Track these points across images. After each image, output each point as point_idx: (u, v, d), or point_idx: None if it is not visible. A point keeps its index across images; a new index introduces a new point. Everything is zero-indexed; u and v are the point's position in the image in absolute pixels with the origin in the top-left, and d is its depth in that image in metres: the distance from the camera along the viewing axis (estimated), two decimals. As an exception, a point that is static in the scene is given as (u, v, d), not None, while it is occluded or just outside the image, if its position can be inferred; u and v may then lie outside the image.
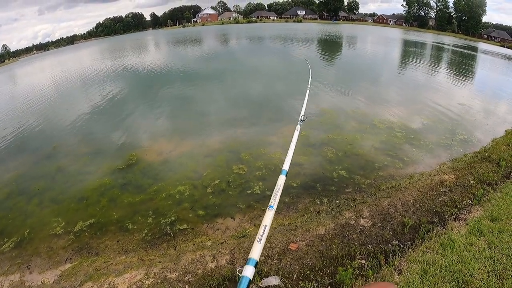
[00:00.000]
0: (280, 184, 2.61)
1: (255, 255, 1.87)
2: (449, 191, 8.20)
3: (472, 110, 16.21)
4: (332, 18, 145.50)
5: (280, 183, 2.61)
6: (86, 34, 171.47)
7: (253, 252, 1.88)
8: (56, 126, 16.71)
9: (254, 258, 1.85)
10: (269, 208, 2.22)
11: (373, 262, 5.68)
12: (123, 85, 25.73)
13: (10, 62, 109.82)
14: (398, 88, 21.33)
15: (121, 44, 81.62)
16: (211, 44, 60.73)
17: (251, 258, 1.85)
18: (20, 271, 6.73)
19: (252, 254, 1.84)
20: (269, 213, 2.18)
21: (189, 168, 10.46)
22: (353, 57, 37.28)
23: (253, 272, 1.76)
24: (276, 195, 2.41)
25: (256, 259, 1.83)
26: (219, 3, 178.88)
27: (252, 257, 1.85)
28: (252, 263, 1.82)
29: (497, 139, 12.01)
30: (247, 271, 1.76)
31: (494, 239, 5.72)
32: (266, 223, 2.06)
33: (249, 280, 1.67)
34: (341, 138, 12.16)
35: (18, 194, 10.02)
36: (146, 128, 14.73)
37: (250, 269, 1.78)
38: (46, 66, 57.75)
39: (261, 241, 1.93)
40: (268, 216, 2.13)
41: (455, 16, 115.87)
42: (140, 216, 8.13)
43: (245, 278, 1.70)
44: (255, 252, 1.88)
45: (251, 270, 1.78)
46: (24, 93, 29.27)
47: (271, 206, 2.28)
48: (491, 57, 48.38)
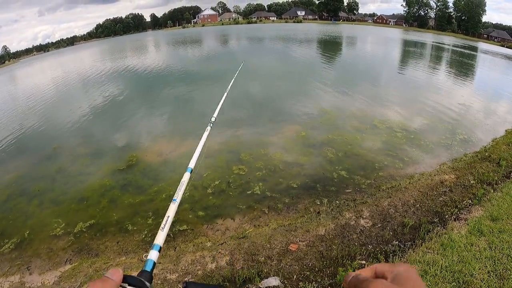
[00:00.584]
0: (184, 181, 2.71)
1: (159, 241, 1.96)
2: (450, 191, 8.19)
3: (472, 109, 16.21)
4: (332, 19, 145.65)
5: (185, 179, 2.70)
6: (86, 35, 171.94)
7: (157, 239, 1.97)
8: (56, 127, 16.71)
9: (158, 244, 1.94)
10: (172, 201, 2.33)
11: (373, 263, 5.66)
12: (123, 86, 25.76)
13: (10, 63, 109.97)
14: (398, 88, 21.33)
15: (121, 45, 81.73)
16: (210, 45, 60.74)
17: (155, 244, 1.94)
18: (20, 272, 6.73)
19: (157, 240, 1.93)
20: (172, 206, 2.29)
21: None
22: (353, 57, 37.29)
23: (157, 256, 1.84)
24: (179, 190, 2.51)
25: (160, 245, 1.91)
26: (219, 4, 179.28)
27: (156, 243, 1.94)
28: (156, 248, 1.91)
29: (497, 139, 12.00)
30: (151, 255, 1.85)
31: (495, 239, 5.71)
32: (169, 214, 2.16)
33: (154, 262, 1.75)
34: (341, 138, 12.15)
35: (18, 195, 10.02)
36: (146, 128, 14.73)
37: (154, 253, 1.87)
38: (47, 67, 57.79)
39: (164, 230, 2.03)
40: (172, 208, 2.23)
41: (455, 16, 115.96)
42: (140, 217, 8.13)
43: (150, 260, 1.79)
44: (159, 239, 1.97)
45: (155, 254, 1.86)
46: (25, 94, 29.29)
47: (175, 200, 2.40)
48: (491, 57, 48.39)
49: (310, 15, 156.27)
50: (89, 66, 43.47)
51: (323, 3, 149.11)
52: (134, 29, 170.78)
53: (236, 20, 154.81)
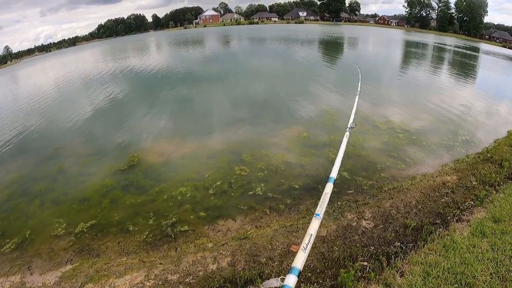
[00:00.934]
0: (327, 192, 2.51)
1: (299, 264, 1.80)
2: (452, 192, 8.17)
3: (474, 111, 16.17)
4: (333, 19, 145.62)
5: (328, 191, 2.51)
6: (88, 36, 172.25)
7: (297, 261, 1.81)
8: (57, 127, 16.73)
9: (298, 267, 1.79)
10: (315, 217, 2.15)
11: (375, 264, 5.66)
12: (125, 86, 25.78)
13: (12, 64, 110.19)
14: (400, 89, 21.30)
15: (123, 46, 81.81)
16: (212, 46, 60.76)
17: (295, 267, 1.79)
18: (21, 272, 6.73)
19: (296, 263, 1.78)
20: (315, 222, 2.12)
21: (191, 169, 10.45)
22: (354, 58, 37.20)
23: (295, 282, 1.70)
24: (323, 203, 2.30)
25: (300, 269, 1.76)
26: (221, 4, 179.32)
27: (295, 266, 1.78)
28: (295, 272, 1.77)
29: (499, 140, 11.97)
30: (289, 280, 1.71)
31: (497, 240, 5.70)
32: (312, 232, 1.99)
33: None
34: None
35: (19, 195, 10.02)
36: (148, 129, 14.72)
37: (292, 278, 1.73)
38: (48, 68, 57.96)
39: (306, 251, 1.86)
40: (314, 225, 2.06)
41: (457, 17, 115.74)
42: (141, 218, 8.13)
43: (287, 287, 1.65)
44: (299, 261, 1.82)
45: (293, 279, 1.72)
46: (26, 94, 29.33)
47: (318, 215, 2.21)
48: (492, 57, 48.29)
49: (311, 16, 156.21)
50: (91, 66, 43.53)
51: (324, 3, 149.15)
52: (136, 29, 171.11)
53: (238, 21, 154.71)
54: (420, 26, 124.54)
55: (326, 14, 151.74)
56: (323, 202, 2.23)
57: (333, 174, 2.65)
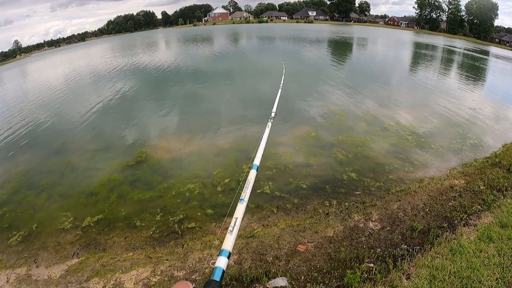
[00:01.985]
0: (251, 178, 2.65)
1: (228, 246, 1.89)
2: (459, 196, 8.13)
3: (482, 114, 16.05)
4: (343, 20, 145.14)
5: (251, 177, 2.63)
6: (97, 32, 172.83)
7: (226, 243, 1.90)
8: (66, 121, 16.85)
9: (227, 249, 1.87)
10: (240, 201, 2.26)
11: (382, 266, 5.65)
12: (134, 82, 25.91)
13: (22, 58, 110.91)
14: (408, 91, 21.17)
15: (132, 42, 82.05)
16: (221, 43, 60.80)
17: (224, 249, 1.87)
18: (27, 264, 6.78)
19: (225, 245, 1.86)
20: (240, 206, 2.22)
21: (199, 167, 10.48)
22: (364, 59, 37.07)
23: (226, 263, 1.77)
24: (247, 188, 2.48)
25: (229, 250, 1.84)
26: (230, 2, 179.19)
27: (224, 248, 1.87)
28: (225, 254, 1.85)
29: (508, 145, 11.87)
30: (220, 262, 1.78)
31: (504, 245, 5.67)
32: (238, 215, 2.09)
33: (223, 270, 1.69)
34: (351, 140, 12.10)
35: (27, 188, 10.11)
36: (156, 125, 14.79)
37: (223, 260, 1.81)
38: (58, 62, 58.28)
39: (233, 233, 1.96)
40: (240, 209, 2.20)
41: (467, 20, 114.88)
42: (148, 214, 8.17)
43: (219, 268, 1.72)
44: (228, 243, 1.91)
45: (224, 261, 1.80)
46: (35, 88, 29.55)
47: (242, 199, 2.30)
48: (502, 61, 47.89)
49: (321, 16, 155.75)
50: (100, 61, 43.78)
51: (334, 3, 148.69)
52: (145, 26, 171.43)
53: (247, 19, 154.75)
54: (429, 28, 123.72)
55: (336, 14, 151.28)
56: (247, 188, 2.38)
57: (256, 162, 2.80)
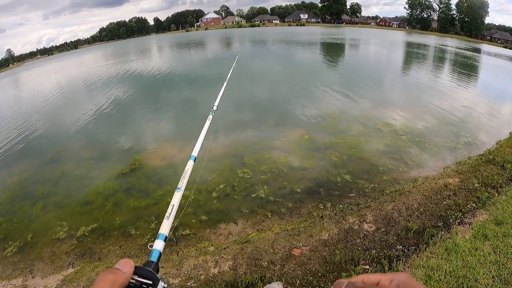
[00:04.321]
0: (188, 169, 2.77)
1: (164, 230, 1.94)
2: (454, 195, 8.15)
3: (476, 112, 16.14)
4: (334, 22, 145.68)
5: (188, 168, 2.78)
6: (90, 39, 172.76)
7: (162, 228, 1.96)
8: (59, 130, 16.80)
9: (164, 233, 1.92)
10: (177, 190, 2.36)
11: (377, 268, 5.65)
12: (127, 89, 25.85)
13: (15, 67, 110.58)
14: (402, 91, 21.29)
15: (125, 49, 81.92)
16: (214, 48, 60.87)
17: (161, 233, 1.92)
18: (23, 275, 6.74)
19: (162, 229, 1.92)
20: (177, 194, 2.31)
21: (194, 173, 10.44)
22: (356, 60, 37.23)
23: (163, 246, 1.82)
24: (184, 178, 2.54)
25: (166, 234, 1.88)
26: (222, 7, 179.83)
27: (161, 232, 1.92)
28: (161, 238, 1.89)
29: (501, 142, 11.92)
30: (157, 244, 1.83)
31: (499, 243, 5.67)
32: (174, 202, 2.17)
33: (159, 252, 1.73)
34: (345, 141, 12.12)
35: (22, 198, 10.06)
36: (149, 132, 14.76)
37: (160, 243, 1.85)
38: (51, 71, 58.13)
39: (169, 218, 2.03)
40: (176, 196, 2.29)
41: (458, 18, 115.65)
42: (143, 221, 8.14)
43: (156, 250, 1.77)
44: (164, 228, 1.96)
45: (161, 244, 1.85)
46: (28, 97, 29.47)
47: (179, 188, 2.42)
48: (494, 58, 48.21)
49: (313, 18, 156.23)
50: (93, 69, 43.63)
51: (325, 6, 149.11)
52: (138, 32, 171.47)
53: (239, 23, 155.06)
54: (421, 27, 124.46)
55: (327, 16, 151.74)
56: (184, 177, 2.47)
57: (194, 153, 2.88)
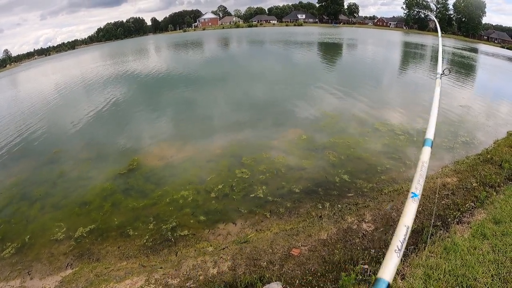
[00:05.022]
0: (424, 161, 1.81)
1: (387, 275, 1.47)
2: (452, 194, 8.14)
3: (473, 111, 16.16)
4: (332, 22, 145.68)
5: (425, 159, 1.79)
6: (87, 39, 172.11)
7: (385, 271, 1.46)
8: (57, 130, 16.74)
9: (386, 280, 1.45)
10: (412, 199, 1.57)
11: (376, 267, 5.61)
12: (125, 90, 25.78)
13: (12, 67, 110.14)
14: (399, 91, 21.30)
15: (122, 50, 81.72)
16: (212, 49, 60.83)
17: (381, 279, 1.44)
18: (21, 276, 6.72)
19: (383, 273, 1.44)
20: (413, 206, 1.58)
21: (192, 173, 10.43)
22: (354, 60, 37.20)
23: None
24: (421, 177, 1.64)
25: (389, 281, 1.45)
26: (220, 7, 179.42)
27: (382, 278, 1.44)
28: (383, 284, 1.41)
29: (499, 141, 11.92)
30: None
31: (498, 242, 5.67)
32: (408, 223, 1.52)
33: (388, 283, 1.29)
34: (343, 141, 12.11)
35: (20, 199, 10.02)
36: (147, 132, 14.72)
37: None
38: (48, 71, 57.99)
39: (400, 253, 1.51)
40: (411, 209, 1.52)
41: (455, 18, 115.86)
42: (141, 222, 8.11)
43: None
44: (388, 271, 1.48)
45: None
46: (26, 97, 29.34)
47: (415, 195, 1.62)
48: (491, 58, 48.29)
49: (310, 19, 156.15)
50: (90, 69, 43.50)
51: (323, 6, 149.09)
52: (135, 33, 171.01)
53: (237, 23, 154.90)
54: (418, 27, 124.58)
55: (325, 17, 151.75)
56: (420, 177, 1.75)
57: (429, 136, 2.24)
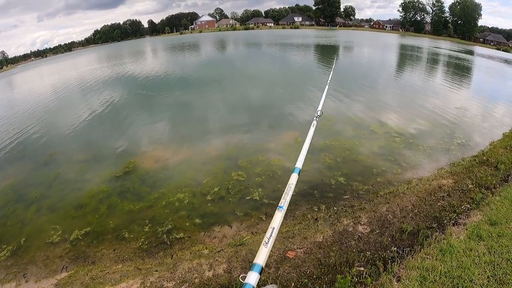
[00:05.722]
0: (292, 184, 2.37)
1: (261, 260, 1.68)
2: (448, 196, 8.17)
3: (469, 113, 16.23)
4: (328, 24, 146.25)
5: (292, 182, 2.37)
6: (84, 41, 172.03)
7: (259, 257, 1.69)
8: (53, 132, 16.67)
9: (260, 264, 1.66)
10: (278, 209, 2.03)
11: (372, 269, 5.63)
12: (121, 92, 25.72)
13: (8, 69, 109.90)
14: (395, 93, 21.36)
15: (119, 52, 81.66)
16: (208, 51, 60.86)
17: (256, 264, 1.66)
18: (16, 279, 6.67)
19: (257, 259, 1.66)
20: (278, 215, 1.99)
21: (188, 176, 10.41)
22: (350, 63, 37.31)
23: (257, 279, 1.58)
24: (287, 195, 2.18)
25: (262, 265, 1.64)
26: (216, 10, 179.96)
27: (257, 262, 1.66)
28: (257, 269, 1.64)
29: (494, 142, 11.99)
30: (250, 277, 1.58)
31: (494, 243, 5.68)
32: (275, 225, 1.87)
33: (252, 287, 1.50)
34: (339, 144, 12.12)
35: (15, 201, 9.97)
36: (143, 135, 14.70)
37: (254, 275, 1.61)
38: (44, 73, 57.82)
39: (268, 245, 1.75)
40: (277, 218, 1.93)
41: (451, 21, 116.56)
42: (137, 225, 8.08)
43: (248, 285, 1.52)
44: (261, 257, 1.70)
45: (255, 277, 1.60)
46: (22, 99, 29.24)
47: (281, 207, 2.09)
48: (487, 60, 48.55)
49: (307, 21, 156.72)
50: (86, 72, 43.42)
51: (319, 9, 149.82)
52: (132, 35, 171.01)
53: (234, 26, 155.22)
54: (414, 30, 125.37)
55: (322, 19, 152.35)
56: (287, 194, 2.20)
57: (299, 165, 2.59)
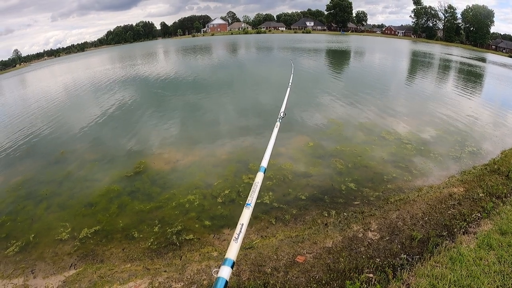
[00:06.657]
0: (258, 182, 2.54)
1: (232, 254, 1.78)
2: (458, 204, 8.10)
3: (480, 121, 16.06)
4: (340, 29, 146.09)
5: (258, 180, 2.54)
6: (97, 42, 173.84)
7: (230, 252, 1.79)
8: (64, 131, 16.84)
9: (231, 258, 1.76)
10: (246, 206, 2.14)
11: (381, 276, 5.60)
12: (133, 93, 25.96)
13: (21, 67, 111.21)
14: (407, 100, 21.22)
15: (132, 53, 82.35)
16: (220, 54, 61.08)
17: (228, 258, 1.76)
18: (24, 275, 6.74)
19: (229, 254, 1.76)
20: (246, 212, 2.10)
21: (198, 178, 10.44)
22: (362, 68, 37.18)
23: (229, 273, 1.67)
24: (254, 192, 2.35)
25: (233, 259, 1.73)
26: (229, 13, 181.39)
27: (228, 257, 1.76)
28: (228, 264, 1.73)
29: (506, 151, 11.87)
30: (223, 272, 1.67)
31: (504, 253, 5.63)
32: (243, 221, 1.98)
33: (226, 281, 1.59)
34: (350, 149, 12.08)
35: (25, 198, 10.08)
36: (154, 136, 14.77)
37: (226, 269, 1.70)
38: (58, 72, 58.45)
39: (238, 240, 1.84)
40: (245, 214, 2.08)
41: (463, 27, 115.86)
42: (146, 225, 8.12)
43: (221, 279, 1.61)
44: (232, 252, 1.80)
45: (227, 271, 1.69)
46: (35, 98, 29.59)
47: (248, 204, 2.19)
48: (499, 68, 48.08)
49: (319, 26, 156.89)
50: (100, 72, 43.84)
51: (332, 14, 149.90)
52: (144, 37, 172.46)
53: (246, 30, 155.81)
54: (426, 36, 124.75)
55: (333, 24, 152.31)
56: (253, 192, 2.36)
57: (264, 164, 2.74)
